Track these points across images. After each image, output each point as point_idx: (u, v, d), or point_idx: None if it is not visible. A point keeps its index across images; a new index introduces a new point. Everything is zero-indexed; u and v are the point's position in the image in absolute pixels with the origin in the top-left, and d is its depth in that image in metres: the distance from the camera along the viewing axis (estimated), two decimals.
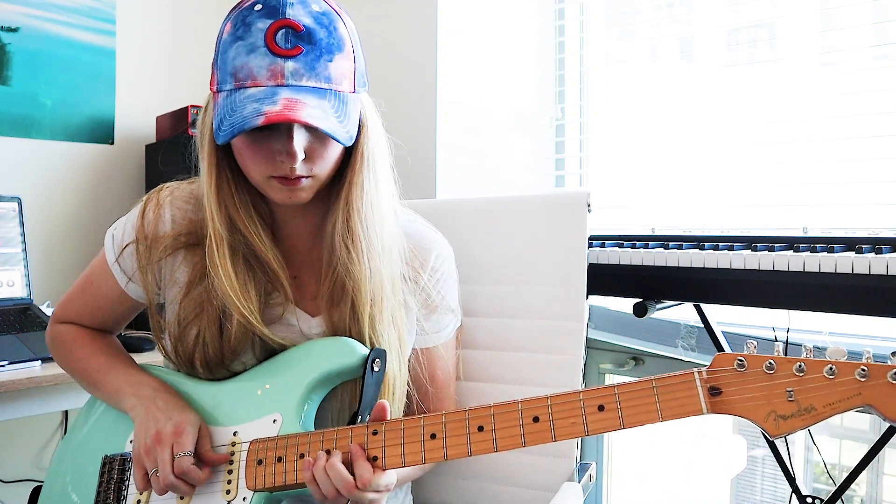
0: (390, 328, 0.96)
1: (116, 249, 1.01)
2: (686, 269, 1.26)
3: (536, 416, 0.77)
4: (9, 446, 1.97)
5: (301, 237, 1.00)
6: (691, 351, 1.65)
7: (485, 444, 0.79)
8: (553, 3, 2.16)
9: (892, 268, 1.05)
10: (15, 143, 1.95)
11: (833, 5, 1.68)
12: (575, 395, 0.76)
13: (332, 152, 0.90)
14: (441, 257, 1.06)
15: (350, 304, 0.93)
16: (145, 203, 1.00)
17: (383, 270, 0.95)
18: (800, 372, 0.68)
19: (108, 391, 1.00)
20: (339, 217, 0.93)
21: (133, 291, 1.03)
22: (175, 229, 0.98)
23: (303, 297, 1.00)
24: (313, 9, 0.85)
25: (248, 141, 0.86)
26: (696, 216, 1.84)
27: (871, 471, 1.62)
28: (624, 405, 0.74)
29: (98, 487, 0.95)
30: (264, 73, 0.83)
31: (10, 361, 1.44)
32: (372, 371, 0.90)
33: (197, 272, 0.96)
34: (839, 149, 1.62)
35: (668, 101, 1.93)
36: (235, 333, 0.93)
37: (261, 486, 0.87)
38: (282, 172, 0.87)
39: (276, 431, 0.89)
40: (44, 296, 1.92)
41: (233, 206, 0.93)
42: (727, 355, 0.72)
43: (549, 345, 1.17)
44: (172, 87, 2.24)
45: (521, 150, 2.15)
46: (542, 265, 1.19)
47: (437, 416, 0.81)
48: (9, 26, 1.93)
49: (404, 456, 0.81)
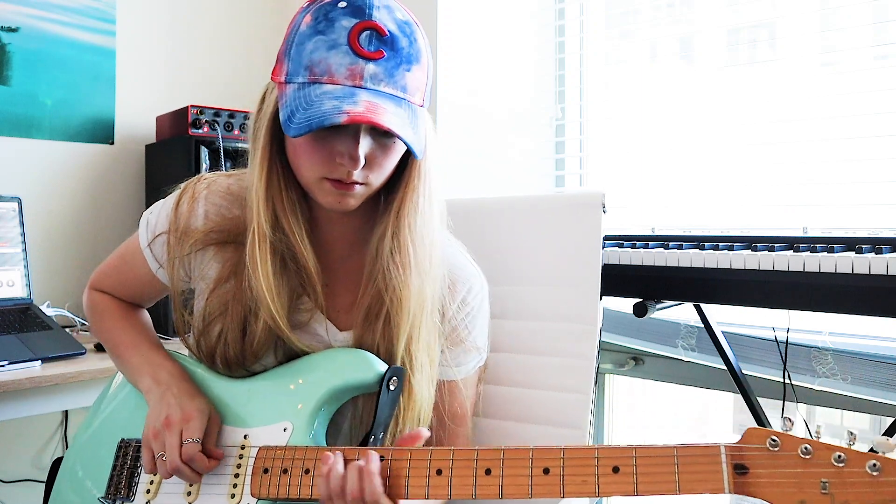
0: (425, 351, 0.94)
1: (149, 235, 1.01)
2: (686, 269, 1.26)
3: (547, 467, 0.74)
4: (9, 446, 1.97)
5: (336, 245, 0.98)
6: (691, 351, 1.65)
7: (490, 489, 0.76)
8: (553, 3, 2.16)
9: (892, 268, 1.05)
10: (15, 143, 1.95)
11: (833, 5, 1.68)
12: (590, 451, 0.72)
13: (391, 162, 0.88)
14: (473, 292, 1.02)
15: (385, 319, 0.91)
16: (181, 193, 0.99)
17: (426, 290, 0.92)
18: (839, 462, 0.61)
19: (129, 367, 1.02)
20: (387, 229, 0.90)
21: (163, 277, 1.03)
22: (207, 225, 0.96)
23: (332, 307, 0.98)
24: (397, 16, 0.84)
25: (311, 139, 0.84)
26: (696, 216, 1.84)
27: None
28: (640, 470, 0.69)
29: (112, 470, 0.97)
30: (343, 71, 0.80)
31: (10, 361, 1.44)
32: (388, 389, 0.88)
33: (226, 270, 0.95)
34: (839, 149, 1.61)
35: (668, 102, 1.93)
36: (259, 336, 0.92)
37: (265, 495, 0.86)
38: (338, 175, 0.85)
39: (286, 441, 0.89)
40: (44, 296, 1.92)
41: (280, 204, 0.90)
42: (760, 431, 0.66)
43: (562, 348, 1.15)
44: (172, 87, 2.24)
45: (521, 150, 2.15)
46: (555, 267, 1.17)
47: (446, 452, 0.79)
48: (9, 26, 1.93)
49: (408, 488, 0.79)
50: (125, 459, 0.97)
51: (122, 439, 0.99)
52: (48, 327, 1.63)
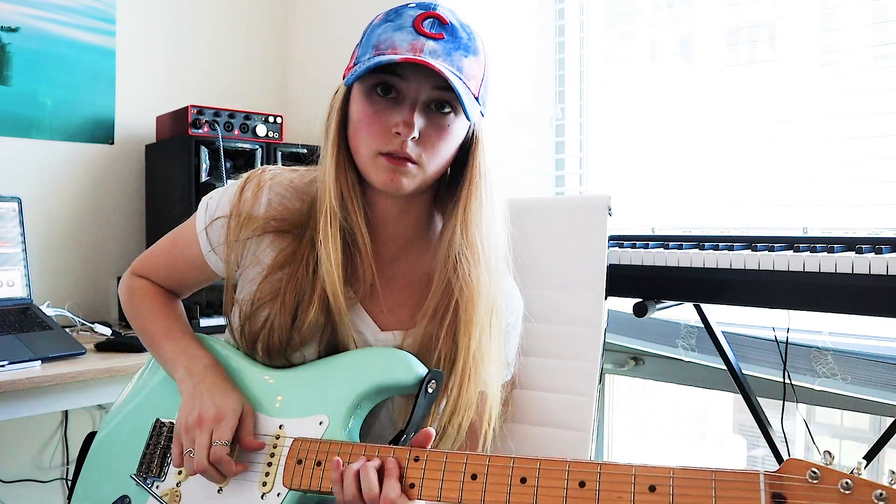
0: (487, 356, 0.95)
1: (208, 219, 1.02)
2: (686, 269, 1.26)
3: (583, 481, 0.73)
4: (9, 446, 1.97)
5: (387, 245, 1.00)
6: (691, 351, 1.65)
7: (524, 497, 0.75)
8: (553, 3, 2.16)
9: (892, 268, 1.05)
10: (15, 143, 1.95)
11: (833, 5, 1.68)
12: (628, 469, 0.72)
13: (445, 146, 0.92)
14: (513, 307, 1.04)
15: (453, 317, 0.93)
16: (246, 181, 1.01)
17: (494, 288, 0.95)
18: (880, 500, 0.60)
19: (164, 356, 1.02)
20: (457, 227, 0.93)
21: (212, 262, 1.04)
22: (269, 213, 0.98)
23: (375, 306, 0.99)
24: (460, 17, 0.93)
25: (369, 109, 0.90)
26: (696, 216, 1.84)
27: (871, 471, 1.62)
28: (677, 492, 0.69)
29: (145, 449, 0.98)
30: (405, 45, 0.87)
31: (10, 361, 1.44)
32: (426, 392, 0.88)
33: (281, 257, 0.97)
34: (839, 149, 1.61)
35: (668, 102, 1.93)
36: (310, 322, 0.93)
37: (297, 485, 0.87)
38: (392, 147, 0.88)
39: (321, 434, 0.89)
40: (44, 296, 1.92)
41: (346, 187, 0.94)
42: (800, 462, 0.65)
43: (566, 350, 1.15)
44: (172, 87, 2.24)
45: (521, 150, 2.15)
46: (560, 270, 1.18)
47: (482, 458, 0.79)
48: (9, 26, 1.93)
49: (441, 490, 0.79)
50: (159, 439, 0.98)
51: (158, 419, 1.00)
52: (48, 327, 1.63)
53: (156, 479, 0.96)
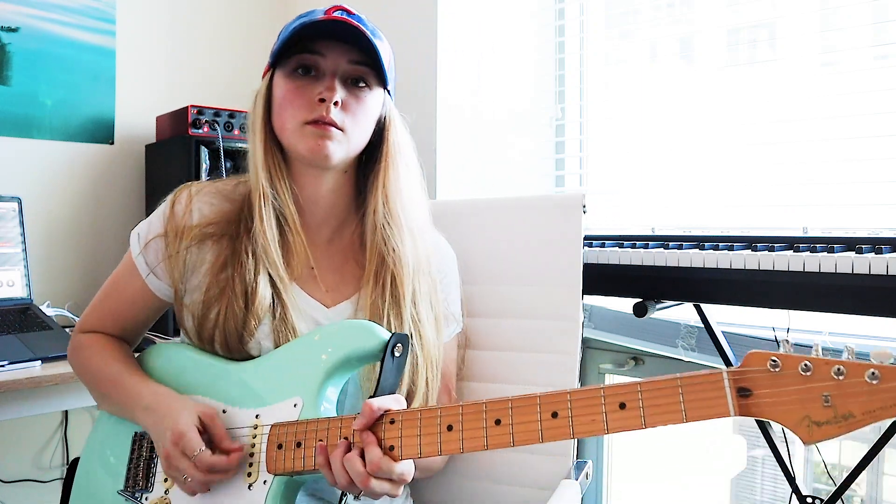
0: (427, 303, 1.03)
1: (142, 243, 1.05)
2: (686, 269, 1.26)
3: (555, 411, 0.75)
4: (9, 446, 1.97)
5: (322, 227, 1.06)
6: (691, 351, 1.65)
7: (502, 437, 0.77)
8: (553, 3, 2.16)
9: (892, 268, 1.05)
10: (15, 143, 1.95)
11: (833, 5, 1.68)
12: (596, 390, 0.74)
13: (365, 114, 1.00)
14: (447, 260, 1.12)
15: (392, 281, 1.00)
16: (174, 198, 1.05)
17: (420, 248, 1.03)
18: (839, 375, 0.63)
19: (118, 407, 1.02)
20: (378, 200, 1.01)
21: (154, 284, 1.05)
22: (202, 220, 1.02)
23: (317, 288, 1.03)
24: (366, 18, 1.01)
25: (292, 86, 0.97)
26: (696, 216, 1.84)
27: (871, 471, 1.62)
28: (647, 403, 0.71)
29: (129, 464, 0.99)
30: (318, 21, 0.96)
31: (10, 361, 1.44)
32: (393, 356, 0.89)
33: (223, 258, 1.00)
34: (839, 149, 1.61)
35: (668, 102, 1.93)
36: (260, 299, 0.96)
37: (281, 470, 0.88)
38: (317, 114, 0.95)
39: (297, 415, 0.90)
40: (44, 296, 1.92)
41: (274, 167, 1.00)
42: (760, 354, 0.67)
43: (546, 344, 1.18)
44: (172, 87, 2.24)
45: (521, 151, 2.15)
46: (538, 266, 1.21)
47: (455, 408, 0.80)
48: (9, 26, 1.93)
49: (421, 446, 0.81)
50: (140, 452, 0.98)
51: (136, 433, 1.00)
52: (48, 327, 1.63)
53: (143, 492, 0.96)
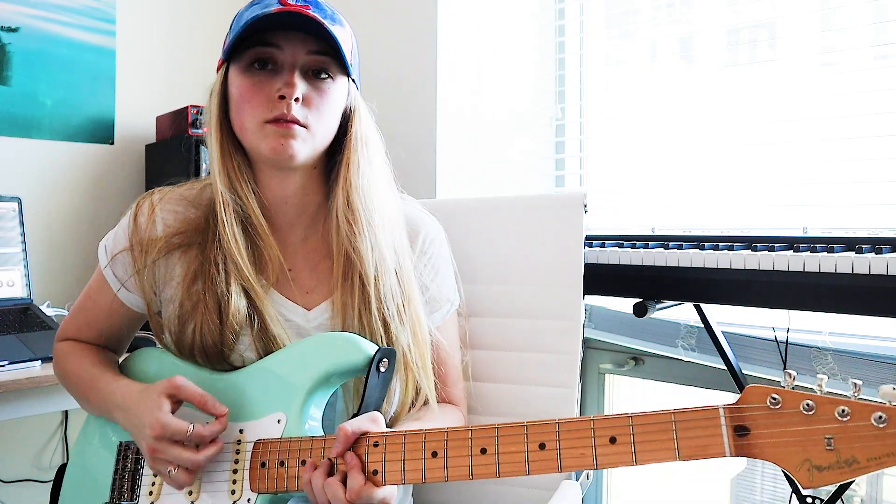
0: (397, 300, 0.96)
1: (108, 257, 1.02)
2: (686, 269, 1.26)
3: (543, 442, 0.72)
4: (9, 446, 1.97)
5: (294, 228, 1.01)
6: (691, 351, 1.65)
7: (487, 468, 0.75)
8: (553, 3, 2.16)
9: (892, 268, 1.05)
10: (15, 143, 1.95)
11: (833, 5, 1.68)
12: (586, 422, 0.70)
13: (328, 107, 0.93)
14: (430, 238, 1.06)
15: (360, 280, 0.94)
16: (136, 209, 1.01)
17: (382, 243, 0.96)
18: (843, 416, 0.58)
19: (98, 409, 1.01)
20: (339, 196, 0.96)
21: (126, 298, 1.03)
22: (168, 230, 0.98)
23: (295, 289, 0.99)
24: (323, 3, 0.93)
25: (248, 83, 0.91)
26: (696, 216, 1.84)
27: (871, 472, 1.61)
28: (638, 439, 0.67)
29: (114, 475, 0.97)
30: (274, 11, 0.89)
31: (10, 361, 1.44)
32: (378, 371, 0.87)
33: (192, 270, 0.96)
34: (839, 149, 1.61)
35: (668, 102, 1.93)
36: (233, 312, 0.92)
37: (264, 488, 0.86)
38: (278, 112, 0.89)
39: (280, 432, 0.88)
40: (44, 296, 1.92)
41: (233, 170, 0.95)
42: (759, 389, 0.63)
43: (547, 344, 1.18)
44: (172, 87, 2.24)
45: (521, 150, 2.15)
46: (539, 265, 1.20)
47: (440, 433, 0.78)
48: (9, 26, 1.93)
49: (404, 472, 0.79)
50: (125, 462, 0.97)
51: (121, 443, 0.99)
52: (48, 327, 1.63)
53: (129, 503, 0.95)
